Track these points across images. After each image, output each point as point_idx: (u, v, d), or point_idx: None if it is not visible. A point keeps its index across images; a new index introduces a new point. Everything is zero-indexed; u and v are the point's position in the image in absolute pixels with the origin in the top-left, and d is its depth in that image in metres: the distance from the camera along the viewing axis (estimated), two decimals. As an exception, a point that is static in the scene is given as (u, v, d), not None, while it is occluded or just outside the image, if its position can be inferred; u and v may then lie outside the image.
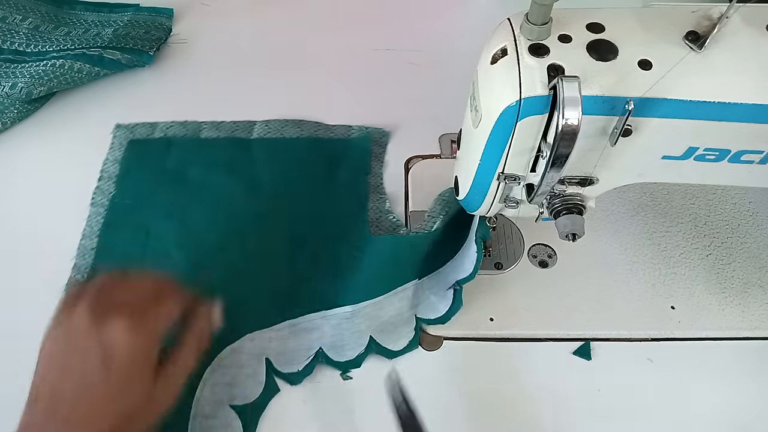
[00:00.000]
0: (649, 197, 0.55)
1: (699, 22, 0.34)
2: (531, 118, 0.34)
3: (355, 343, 0.46)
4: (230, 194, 0.54)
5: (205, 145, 0.58)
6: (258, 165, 0.57)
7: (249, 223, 0.53)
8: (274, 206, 0.54)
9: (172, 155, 0.57)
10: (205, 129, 0.60)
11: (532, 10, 0.33)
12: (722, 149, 0.35)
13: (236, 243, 0.51)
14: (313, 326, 0.47)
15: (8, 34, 0.65)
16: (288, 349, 0.46)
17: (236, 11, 0.73)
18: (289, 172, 0.57)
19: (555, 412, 0.45)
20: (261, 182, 0.56)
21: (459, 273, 0.48)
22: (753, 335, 0.48)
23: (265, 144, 0.59)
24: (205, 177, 0.56)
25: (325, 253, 0.51)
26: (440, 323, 0.47)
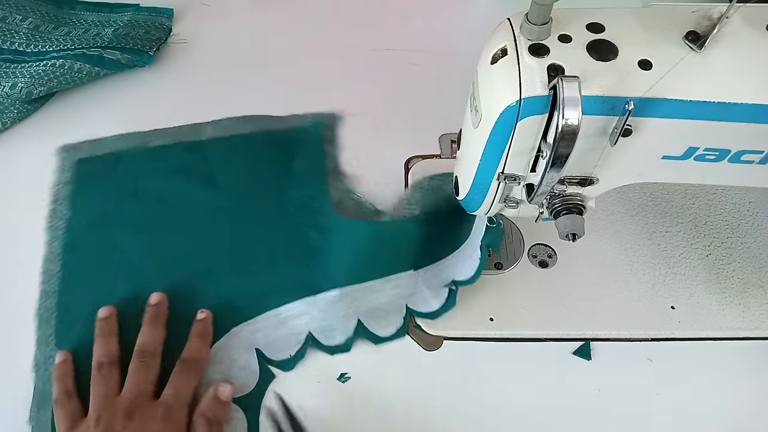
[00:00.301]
0: (649, 197, 0.55)
1: (699, 22, 0.34)
2: (531, 118, 0.34)
3: (343, 327, 0.47)
4: (191, 198, 0.54)
5: (156, 154, 0.57)
6: (214, 165, 0.57)
7: (215, 222, 0.53)
8: (237, 203, 0.54)
9: (123, 169, 0.56)
10: (153, 137, 0.59)
11: (532, 10, 0.33)
12: (722, 149, 0.35)
13: (205, 244, 0.52)
14: (300, 312, 0.48)
15: (8, 34, 0.65)
16: (276, 338, 0.47)
17: (236, 11, 0.73)
18: (246, 168, 0.57)
19: (555, 412, 0.45)
20: (219, 182, 0.56)
21: (457, 273, 0.48)
22: (753, 335, 0.48)
23: (217, 144, 0.58)
24: (162, 185, 0.55)
25: (295, 241, 0.52)
26: (429, 318, 0.47)
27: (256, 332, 0.47)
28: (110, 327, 0.46)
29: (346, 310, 0.47)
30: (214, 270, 0.50)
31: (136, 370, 0.43)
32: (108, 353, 0.44)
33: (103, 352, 0.44)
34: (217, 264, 0.51)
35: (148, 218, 0.53)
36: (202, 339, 0.45)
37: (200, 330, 0.46)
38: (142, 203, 0.54)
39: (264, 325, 0.47)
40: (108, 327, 0.46)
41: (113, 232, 0.52)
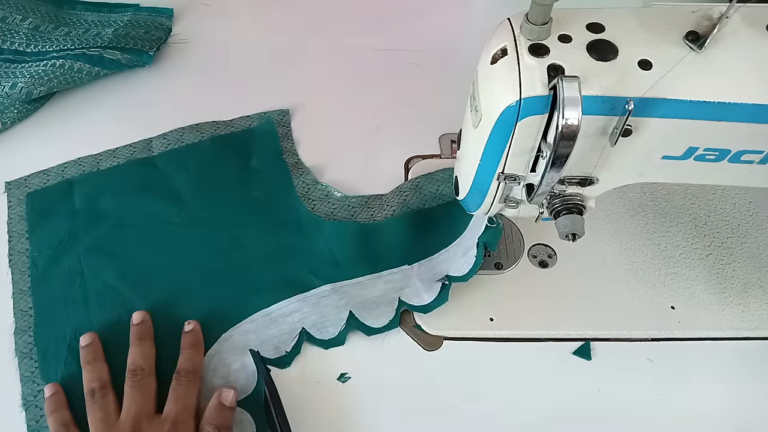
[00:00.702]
0: (649, 197, 0.56)
1: (699, 22, 0.34)
2: (531, 118, 0.34)
3: (335, 319, 0.47)
4: (154, 213, 0.53)
5: (109, 175, 0.56)
6: (170, 178, 0.56)
7: (183, 234, 0.52)
8: (202, 211, 0.54)
9: (77, 194, 0.55)
10: (102, 160, 0.57)
11: (532, 10, 0.33)
12: (722, 149, 0.35)
13: (178, 257, 0.51)
14: (291, 310, 0.48)
15: (8, 34, 0.65)
16: (269, 337, 0.47)
17: (236, 11, 0.73)
18: (203, 176, 0.56)
19: (555, 412, 0.45)
20: (180, 193, 0.55)
21: (451, 268, 0.48)
22: (753, 335, 0.48)
23: (169, 156, 0.58)
24: (121, 204, 0.54)
25: (267, 240, 0.52)
26: (421, 312, 0.48)
27: (248, 333, 0.47)
28: (95, 352, 0.45)
29: (338, 302, 0.48)
30: (191, 282, 0.50)
31: (132, 390, 0.42)
32: (99, 378, 0.43)
33: (94, 377, 0.43)
34: (193, 275, 0.50)
35: (113, 240, 0.52)
36: (194, 348, 0.45)
37: (190, 340, 0.46)
38: (104, 226, 0.53)
39: (254, 326, 0.47)
40: (93, 353, 0.45)
41: (79, 260, 0.51)
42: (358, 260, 0.50)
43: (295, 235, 0.52)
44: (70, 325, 0.47)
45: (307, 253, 0.51)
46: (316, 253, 0.51)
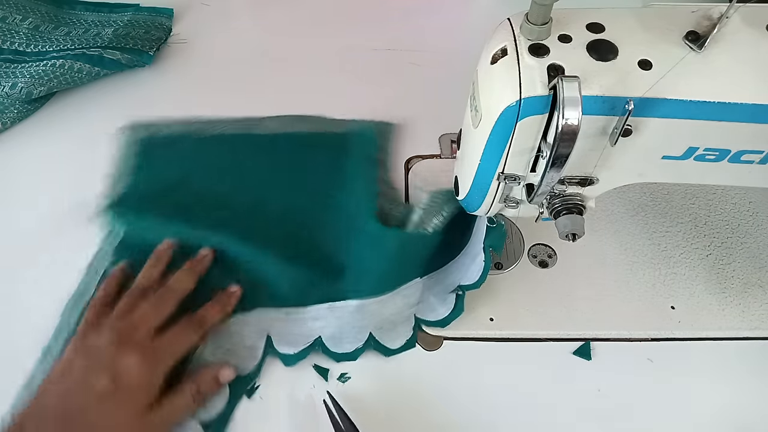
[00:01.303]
0: (649, 197, 0.56)
1: (699, 22, 0.34)
2: (531, 118, 0.34)
3: (354, 338, 0.46)
4: (246, 184, 0.55)
5: (216, 140, 0.59)
6: (270, 158, 0.58)
7: (269, 212, 0.53)
8: (291, 198, 0.55)
9: (182, 151, 0.58)
10: (216, 126, 0.60)
11: (532, 10, 0.33)
12: (722, 149, 0.35)
13: (259, 228, 0.52)
14: (319, 316, 0.47)
15: (8, 34, 0.65)
16: (290, 332, 0.47)
17: (236, 11, 0.73)
18: (300, 164, 0.57)
19: (555, 412, 0.45)
20: (273, 174, 0.56)
21: (462, 277, 0.48)
22: (753, 335, 0.48)
23: (276, 139, 0.59)
24: (220, 170, 0.56)
25: (338, 246, 0.51)
26: (439, 326, 0.47)
27: (276, 321, 0.47)
28: (162, 259, 0.48)
29: (360, 321, 0.47)
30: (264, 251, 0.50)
31: (152, 301, 0.44)
32: (149, 277, 0.47)
33: (146, 275, 0.47)
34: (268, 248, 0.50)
35: (201, 199, 0.54)
36: (221, 308, 0.46)
37: (224, 300, 0.47)
38: (198, 183, 0.55)
39: (286, 317, 0.48)
40: (161, 256, 0.48)
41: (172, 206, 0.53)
42: (386, 275, 0.48)
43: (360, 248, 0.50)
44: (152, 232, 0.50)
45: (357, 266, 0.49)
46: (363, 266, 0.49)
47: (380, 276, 0.47)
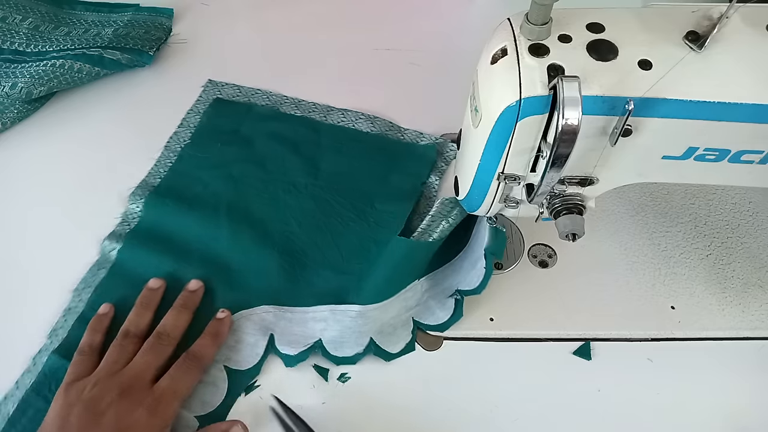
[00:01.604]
0: (649, 197, 0.56)
1: (699, 22, 0.34)
2: (531, 118, 0.34)
3: (354, 343, 0.46)
4: (289, 171, 0.56)
5: (281, 118, 0.61)
6: (323, 149, 0.58)
7: (297, 202, 0.54)
8: (325, 193, 0.55)
9: (248, 121, 0.60)
10: (285, 104, 0.62)
11: (532, 10, 0.33)
12: (722, 149, 0.35)
13: (280, 217, 0.53)
14: (321, 317, 0.47)
15: (8, 34, 0.65)
16: (291, 332, 0.47)
17: (236, 11, 0.73)
18: (348, 165, 0.57)
19: (555, 412, 0.45)
20: (320, 167, 0.57)
21: (461, 281, 0.48)
22: (753, 335, 0.48)
23: (335, 131, 0.60)
24: (272, 149, 0.58)
25: (356, 251, 0.51)
26: (437, 330, 0.47)
27: (281, 319, 0.47)
28: (152, 301, 0.47)
29: (362, 327, 0.46)
30: (276, 247, 0.51)
31: (147, 351, 0.43)
32: (137, 325, 0.45)
33: (134, 322, 0.45)
34: (283, 240, 0.51)
35: (245, 174, 0.56)
36: (214, 338, 0.45)
37: (215, 329, 0.46)
38: (247, 158, 0.57)
39: (290, 316, 0.48)
40: (150, 300, 0.47)
41: (210, 174, 0.56)
42: (391, 281, 0.47)
43: (377, 255, 0.50)
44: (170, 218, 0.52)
45: (366, 272, 0.49)
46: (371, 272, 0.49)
47: (384, 283, 0.47)
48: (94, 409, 0.40)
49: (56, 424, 0.39)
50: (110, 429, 0.39)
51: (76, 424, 0.39)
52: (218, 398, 0.44)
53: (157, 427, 0.40)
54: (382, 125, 0.61)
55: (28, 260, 0.51)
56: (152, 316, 0.46)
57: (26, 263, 0.51)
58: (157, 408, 0.40)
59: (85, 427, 0.39)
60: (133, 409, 0.40)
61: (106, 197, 0.55)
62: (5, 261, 0.51)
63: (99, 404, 0.40)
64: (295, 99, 0.63)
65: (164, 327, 0.45)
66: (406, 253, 0.47)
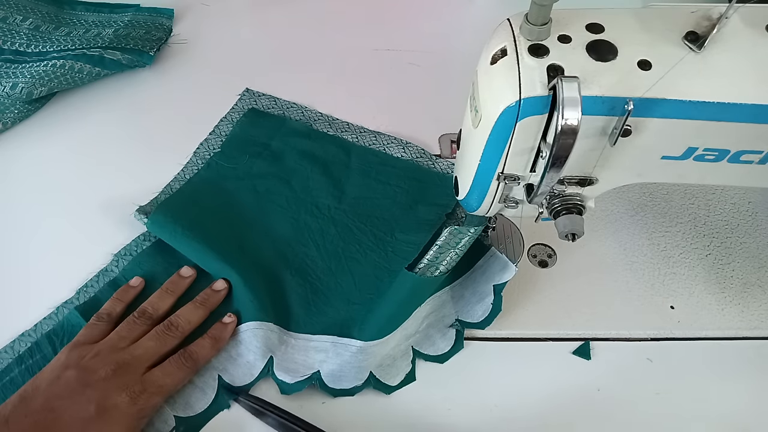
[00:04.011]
0: (649, 197, 0.56)
1: (699, 23, 0.34)
2: (531, 119, 0.34)
3: (354, 377, 0.45)
4: (314, 191, 0.55)
5: (313, 136, 0.60)
6: (351, 171, 0.57)
7: (318, 224, 0.53)
8: (347, 218, 0.54)
9: (280, 135, 0.60)
10: (319, 121, 0.62)
11: (532, 11, 0.33)
12: (722, 149, 0.35)
13: (299, 239, 0.52)
14: (322, 348, 0.46)
15: (9, 35, 0.66)
16: (293, 359, 0.46)
17: (236, 11, 0.73)
18: (376, 189, 0.56)
19: (555, 412, 0.45)
20: (346, 191, 0.56)
21: (462, 310, 0.47)
22: (752, 335, 0.48)
23: (366, 153, 0.59)
24: (300, 166, 0.57)
25: (370, 281, 0.50)
26: (437, 362, 0.46)
27: (284, 344, 0.46)
28: (178, 287, 0.48)
29: (362, 362, 0.45)
30: (290, 269, 0.50)
31: (154, 337, 0.44)
32: (157, 307, 0.46)
33: (154, 304, 0.46)
34: (299, 263, 0.51)
35: (269, 190, 0.56)
36: (214, 342, 0.45)
37: (218, 332, 0.46)
38: (274, 173, 0.57)
39: (293, 342, 0.46)
40: (176, 286, 0.48)
41: (237, 186, 0.56)
42: (392, 317, 0.46)
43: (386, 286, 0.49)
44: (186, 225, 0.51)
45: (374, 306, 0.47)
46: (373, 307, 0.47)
47: (387, 319, 0.45)
48: (85, 378, 0.41)
49: (48, 379, 0.41)
50: (92, 404, 0.39)
51: (64, 385, 0.40)
52: (202, 405, 0.43)
53: (135, 417, 0.40)
54: (414, 152, 0.59)
55: (28, 260, 0.51)
56: (173, 302, 0.47)
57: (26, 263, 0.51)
58: (140, 397, 0.41)
59: (71, 392, 0.40)
60: (118, 392, 0.40)
61: (106, 197, 0.55)
62: (5, 261, 0.51)
63: (91, 375, 0.41)
64: (329, 117, 0.62)
65: (178, 318, 0.46)
66: (411, 288, 0.45)
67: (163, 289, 0.48)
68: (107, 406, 0.40)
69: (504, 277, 0.46)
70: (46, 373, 0.41)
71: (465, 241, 0.45)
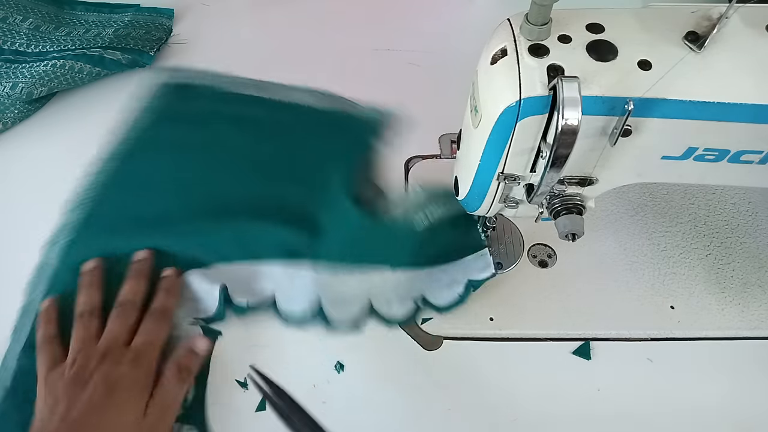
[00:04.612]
0: (649, 197, 0.56)
1: (699, 23, 0.34)
2: (531, 119, 0.34)
3: (303, 299, 0.47)
4: (236, 146, 0.56)
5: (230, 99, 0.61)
6: (268, 125, 0.59)
7: (246, 168, 0.55)
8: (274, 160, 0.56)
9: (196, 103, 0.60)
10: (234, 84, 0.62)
11: (532, 11, 0.33)
12: (722, 149, 0.35)
13: (230, 187, 0.53)
14: (273, 274, 0.48)
15: (9, 35, 0.65)
16: (244, 282, 0.48)
17: (236, 11, 0.73)
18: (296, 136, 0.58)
19: (555, 412, 0.45)
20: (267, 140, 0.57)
21: (428, 290, 0.48)
22: (752, 335, 0.48)
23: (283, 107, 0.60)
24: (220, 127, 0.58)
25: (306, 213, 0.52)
26: (385, 323, 0.47)
27: (231, 273, 0.48)
28: (93, 278, 0.47)
29: (312, 287, 0.47)
30: (227, 210, 0.51)
31: (114, 319, 0.44)
32: (90, 303, 0.46)
33: (86, 302, 0.46)
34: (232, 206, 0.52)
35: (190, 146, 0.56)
36: (169, 292, 0.47)
37: (166, 284, 0.47)
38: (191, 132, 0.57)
39: (238, 268, 0.48)
40: (91, 278, 0.47)
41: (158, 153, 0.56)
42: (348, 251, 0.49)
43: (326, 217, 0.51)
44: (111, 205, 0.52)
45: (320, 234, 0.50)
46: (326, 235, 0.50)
47: (340, 251, 0.48)
48: (80, 379, 0.41)
49: (48, 403, 0.40)
50: (99, 387, 0.40)
51: (65, 399, 0.40)
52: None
53: (143, 378, 0.41)
54: (330, 99, 0.61)
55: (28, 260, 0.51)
56: (100, 291, 0.47)
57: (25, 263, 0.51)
58: (138, 360, 0.42)
59: (75, 396, 0.40)
60: (116, 367, 0.41)
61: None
62: (5, 260, 0.51)
63: (83, 374, 0.41)
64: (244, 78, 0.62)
65: (124, 296, 0.46)
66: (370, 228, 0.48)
67: (131, 276, 0.47)
68: (113, 381, 0.40)
69: (481, 275, 0.47)
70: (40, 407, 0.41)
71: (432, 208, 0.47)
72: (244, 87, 0.62)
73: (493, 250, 0.50)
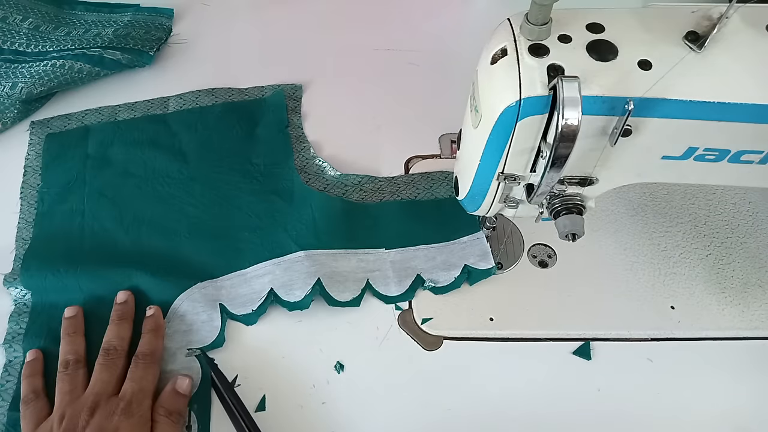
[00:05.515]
0: (649, 197, 0.56)
1: (699, 23, 0.34)
2: (531, 118, 0.34)
3: (302, 282, 0.47)
4: (157, 166, 0.56)
5: (123, 126, 0.60)
6: (179, 136, 0.59)
7: (181, 189, 0.55)
8: (205, 171, 0.56)
9: (91, 141, 0.59)
10: (120, 111, 0.61)
11: (532, 11, 0.33)
12: (722, 149, 0.35)
13: (171, 209, 0.54)
14: (265, 272, 0.49)
15: (8, 35, 0.65)
16: (240, 294, 0.48)
17: (236, 11, 0.73)
18: (211, 138, 0.59)
19: (555, 412, 0.45)
20: (186, 151, 0.58)
21: (426, 270, 0.49)
22: (753, 335, 0.48)
23: (181, 116, 0.61)
24: (129, 155, 0.57)
25: (261, 207, 0.54)
26: (384, 301, 0.49)
27: (221, 289, 0.49)
28: (76, 326, 0.46)
29: (309, 268, 0.48)
30: (180, 233, 0.52)
31: (101, 368, 0.43)
32: (74, 351, 0.45)
33: (70, 350, 0.45)
34: (183, 227, 0.52)
35: (116, 187, 0.55)
36: (155, 333, 0.46)
37: (151, 325, 0.46)
38: (110, 172, 0.56)
39: (229, 283, 0.49)
40: (74, 326, 0.46)
41: (83, 201, 0.54)
42: (337, 234, 0.51)
43: (285, 203, 0.54)
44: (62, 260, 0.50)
45: (292, 221, 0.52)
46: (301, 222, 0.52)
47: (324, 232, 0.51)
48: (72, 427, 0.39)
49: None
50: None
51: None
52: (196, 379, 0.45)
53: (138, 428, 0.40)
54: (223, 93, 0.63)
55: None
56: (83, 340, 0.46)
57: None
58: (130, 410, 0.41)
59: None
60: (109, 419, 0.40)
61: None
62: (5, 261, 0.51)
63: (74, 431, 0.39)
64: (128, 103, 0.62)
65: (109, 342, 0.45)
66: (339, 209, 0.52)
67: (114, 321, 0.46)
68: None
69: (480, 264, 0.49)
70: None
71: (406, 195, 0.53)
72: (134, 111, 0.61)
73: (493, 249, 0.50)
